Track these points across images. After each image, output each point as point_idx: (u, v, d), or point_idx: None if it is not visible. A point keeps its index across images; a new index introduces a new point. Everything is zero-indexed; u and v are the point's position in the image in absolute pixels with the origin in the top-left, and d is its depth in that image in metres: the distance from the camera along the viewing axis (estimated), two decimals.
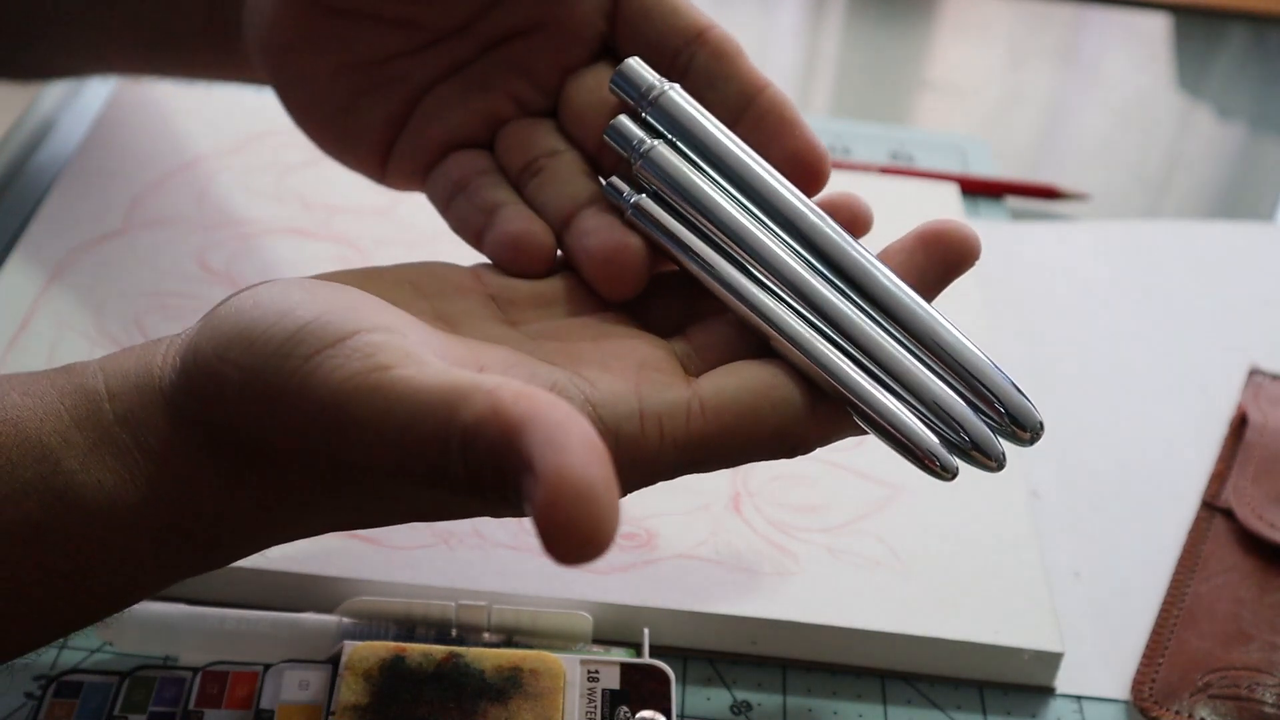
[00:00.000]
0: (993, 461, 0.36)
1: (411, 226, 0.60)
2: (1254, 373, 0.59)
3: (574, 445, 0.28)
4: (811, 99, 0.84)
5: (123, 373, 0.35)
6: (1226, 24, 0.91)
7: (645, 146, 0.40)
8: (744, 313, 0.38)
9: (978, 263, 0.39)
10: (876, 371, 0.37)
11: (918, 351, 0.37)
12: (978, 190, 0.70)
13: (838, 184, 0.41)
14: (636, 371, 0.36)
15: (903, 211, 0.69)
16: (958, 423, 0.36)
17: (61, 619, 0.36)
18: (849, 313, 0.37)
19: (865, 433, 0.37)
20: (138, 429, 0.34)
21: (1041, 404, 0.38)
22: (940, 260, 0.38)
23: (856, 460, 0.51)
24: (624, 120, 0.41)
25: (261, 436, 0.33)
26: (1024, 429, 0.36)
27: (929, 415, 0.36)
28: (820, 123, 0.75)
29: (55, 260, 0.56)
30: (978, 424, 0.36)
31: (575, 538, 0.28)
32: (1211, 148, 0.83)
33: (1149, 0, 0.92)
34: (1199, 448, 0.56)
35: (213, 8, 0.50)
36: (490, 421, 0.30)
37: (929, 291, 0.38)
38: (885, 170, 0.70)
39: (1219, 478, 0.54)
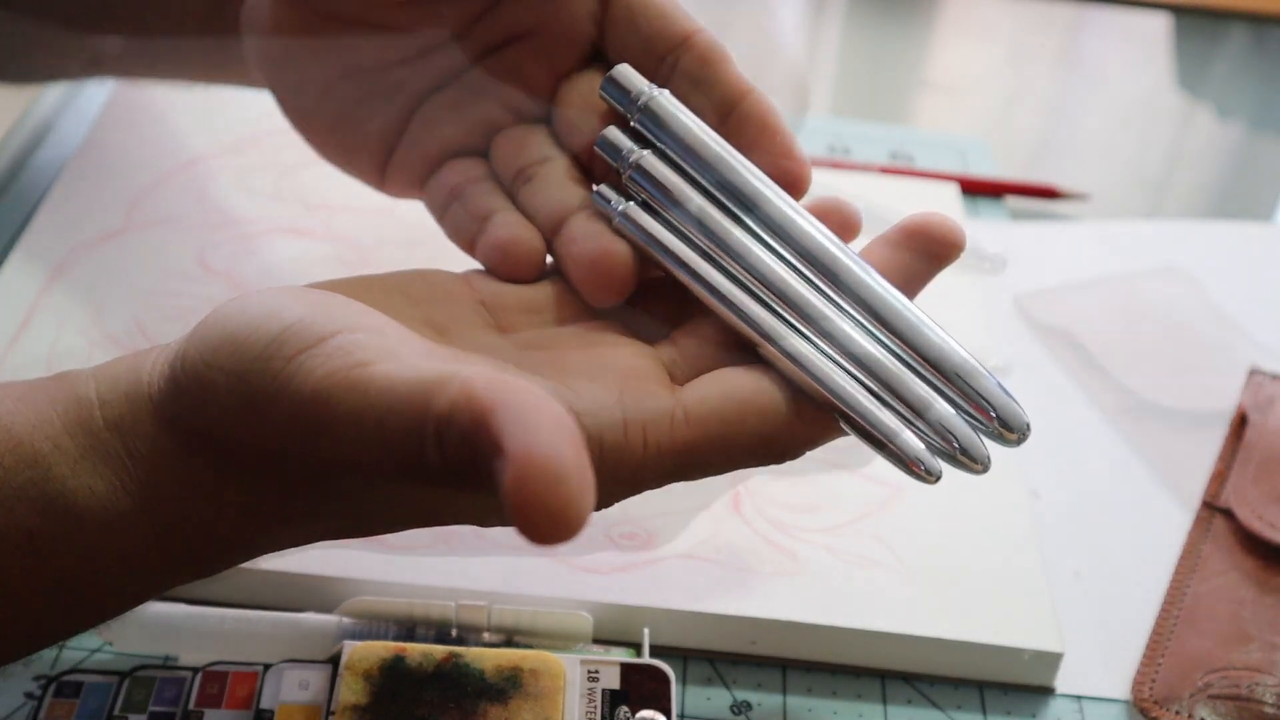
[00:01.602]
0: (978, 464, 0.36)
1: (412, 226, 0.60)
2: (1254, 373, 0.59)
3: (544, 426, 0.28)
4: (811, 99, 0.84)
5: (113, 380, 0.35)
6: (1226, 24, 0.91)
7: (634, 157, 0.40)
8: (730, 319, 0.38)
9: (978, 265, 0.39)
10: (862, 376, 0.37)
11: (904, 355, 0.37)
12: (977, 190, 0.70)
13: (838, 184, 0.41)
14: (621, 380, 0.36)
15: (903, 212, 0.68)
16: (944, 426, 0.36)
17: (55, 626, 0.36)
18: (834, 317, 0.37)
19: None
20: (127, 435, 0.34)
21: (1040, 403, 0.38)
22: (924, 253, 0.38)
23: (856, 460, 0.51)
24: (614, 131, 0.41)
25: (248, 441, 0.33)
26: (1011, 430, 0.36)
27: (914, 418, 0.36)
28: (820, 123, 0.75)
29: (55, 260, 0.56)
30: (963, 427, 0.36)
31: (545, 517, 0.28)
32: (1211, 148, 0.83)
33: (1149, 0, 0.92)
34: (1199, 448, 0.56)
35: (210, 14, 0.51)
36: (463, 407, 0.30)
37: (915, 285, 0.38)
38: (885, 170, 0.70)
39: (1219, 478, 0.54)
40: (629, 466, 0.35)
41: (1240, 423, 0.56)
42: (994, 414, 0.36)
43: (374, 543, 0.46)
